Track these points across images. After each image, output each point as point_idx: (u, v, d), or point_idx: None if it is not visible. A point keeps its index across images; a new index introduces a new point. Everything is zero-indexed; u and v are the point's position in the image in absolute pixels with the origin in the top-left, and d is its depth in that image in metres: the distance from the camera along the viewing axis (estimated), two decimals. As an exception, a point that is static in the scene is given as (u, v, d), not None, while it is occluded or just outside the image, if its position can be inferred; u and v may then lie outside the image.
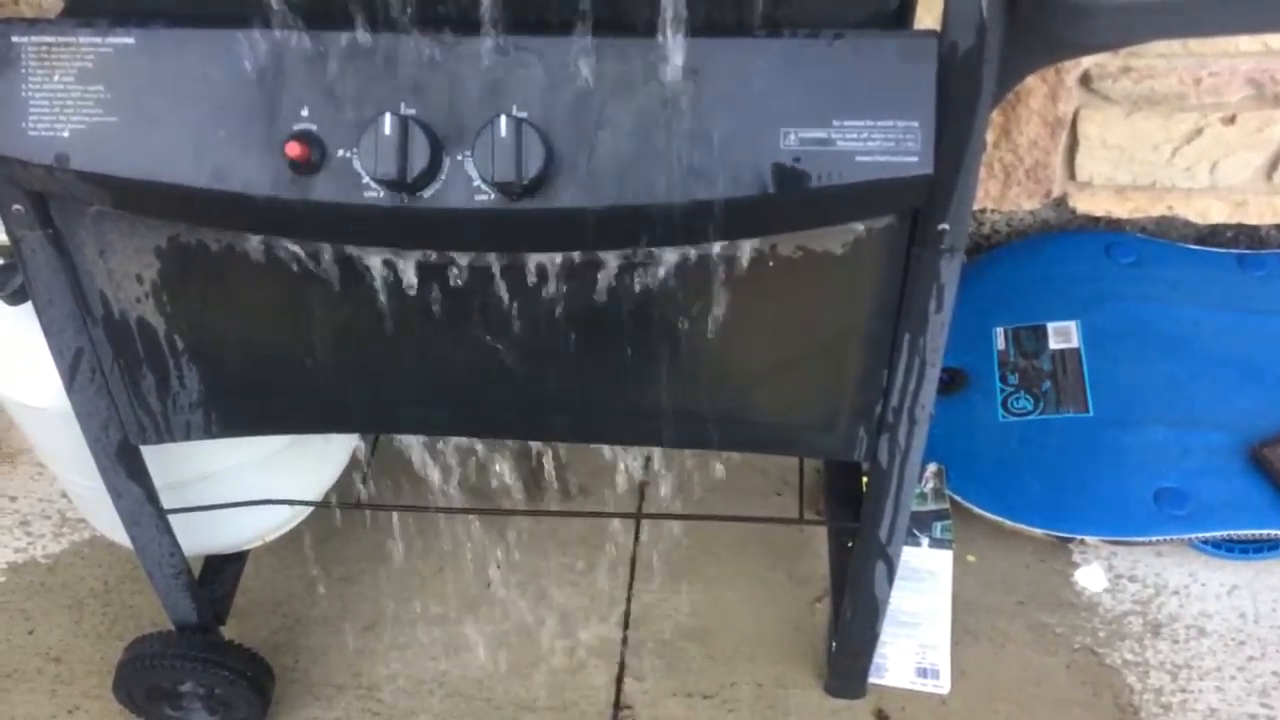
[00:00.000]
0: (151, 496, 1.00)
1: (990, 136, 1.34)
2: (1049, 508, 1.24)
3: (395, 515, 1.32)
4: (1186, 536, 1.21)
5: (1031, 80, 1.30)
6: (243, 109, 0.72)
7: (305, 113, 0.71)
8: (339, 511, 1.26)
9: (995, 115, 1.32)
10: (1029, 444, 1.27)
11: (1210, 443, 1.24)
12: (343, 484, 1.22)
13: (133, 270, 0.84)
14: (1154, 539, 1.22)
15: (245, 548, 1.21)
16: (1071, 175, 1.41)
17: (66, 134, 0.74)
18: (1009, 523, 1.25)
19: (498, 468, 1.33)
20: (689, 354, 0.85)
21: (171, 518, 1.02)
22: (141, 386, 0.91)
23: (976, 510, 1.26)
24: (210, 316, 0.87)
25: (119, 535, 1.05)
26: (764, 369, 0.87)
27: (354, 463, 1.24)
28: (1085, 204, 1.44)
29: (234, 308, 0.85)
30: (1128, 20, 0.65)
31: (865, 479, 0.99)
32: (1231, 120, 1.34)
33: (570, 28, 0.70)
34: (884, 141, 0.70)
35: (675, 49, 0.69)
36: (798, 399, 0.89)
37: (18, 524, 1.37)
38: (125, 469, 0.96)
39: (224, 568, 1.20)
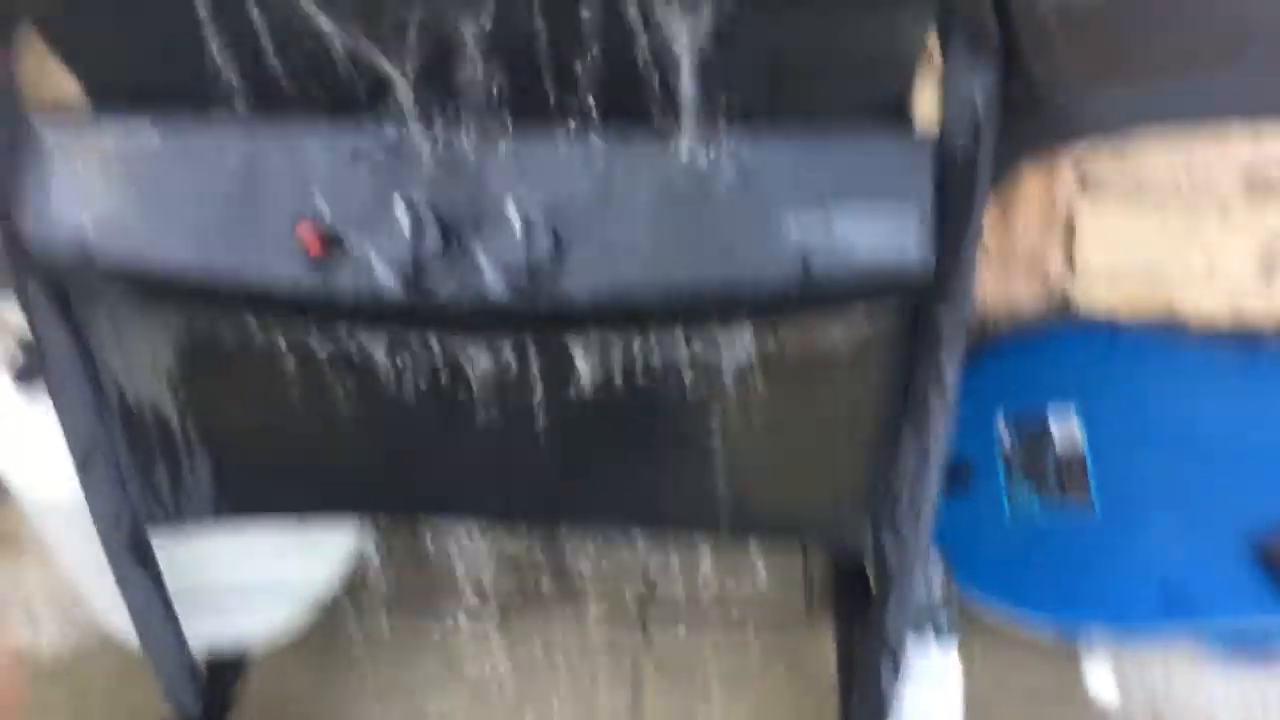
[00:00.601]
0: (159, 585, 0.99)
1: (988, 229, 1.36)
2: (1055, 600, 1.23)
3: (400, 614, 1.32)
4: (1194, 633, 1.20)
5: (1027, 173, 1.32)
6: (260, 199, 0.74)
7: (321, 204, 0.74)
8: (344, 609, 1.26)
9: (993, 208, 1.34)
10: (1034, 536, 1.27)
11: (1214, 535, 1.24)
12: (348, 583, 1.21)
13: (148, 358, 0.85)
14: (1161, 634, 1.21)
15: (250, 644, 1.20)
16: (1070, 267, 1.43)
17: (89, 224, 0.76)
18: (1016, 618, 1.24)
19: (505, 569, 1.33)
20: (697, 443, 0.86)
21: (178, 612, 1.02)
22: (153, 473, 0.91)
23: (983, 605, 1.25)
24: (222, 402, 0.88)
25: (125, 630, 1.04)
26: (771, 458, 0.88)
27: (360, 563, 1.24)
28: (1083, 295, 1.45)
29: (245, 393, 0.87)
30: (1116, 115, 0.67)
31: (872, 573, 0.99)
32: (1225, 212, 1.36)
33: (579, 121, 0.72)
34: (886, 234, 0.72)
35: (682, 142, 0.71)
36: (803, 489, 0.90)
37: (25, 617, 1.36)
38: (134, 557, 0.96)
39: (229, 663, 1.19)
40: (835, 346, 0.80)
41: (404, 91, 0.71)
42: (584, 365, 0.81)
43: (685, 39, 0.66)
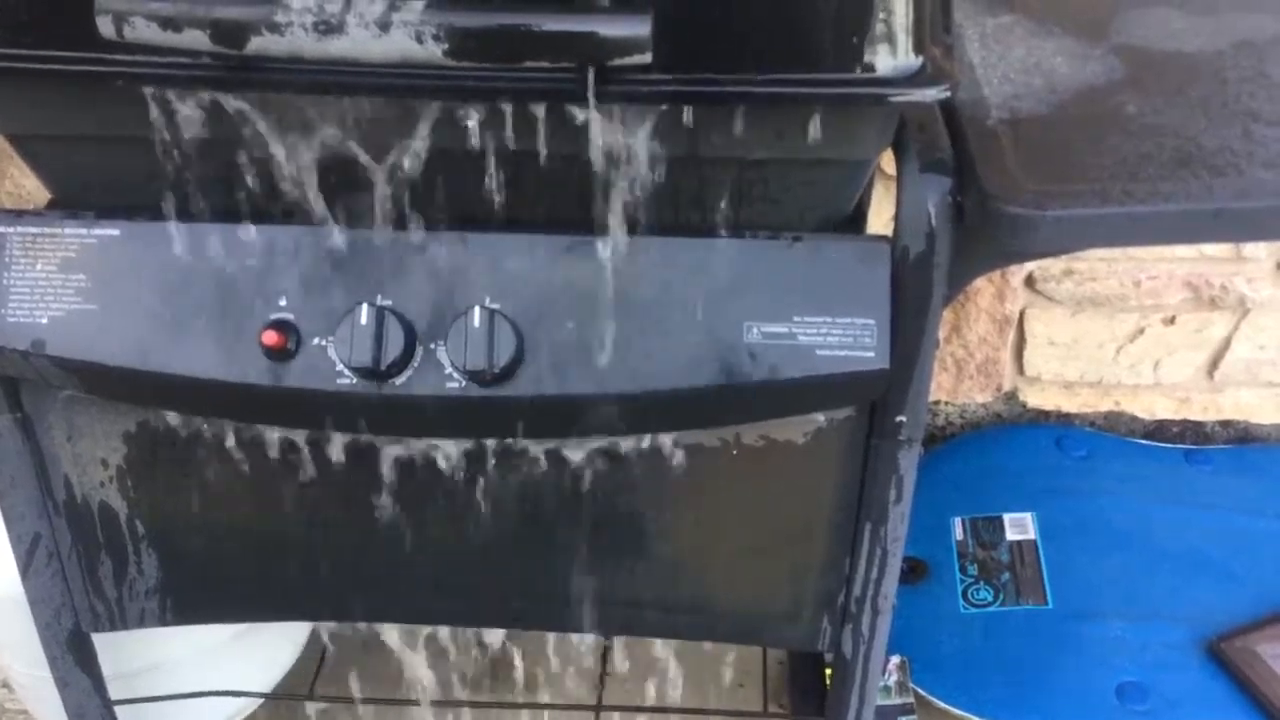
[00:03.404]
0: (99, 687, 0.97)
1: (942, 333, 1.39)
2: (1012, 702, 1.23)
3: (346, 707, 1.29)
4: (1150, 735, 1.21)
5: (979, 281, 1.36)
6: (222, 298, 0.74)
7: (283, 302, 0.74)
8: (289, 703, 1.23)
9: (946, 313, 1.37)
10: (991, 636, 1.27)
11: (1168, 637, 1.25)
12: (295, 675, 1.19)
13: (99, 454, 0.84)
14: (1118, 736, 1.21)
15: (191, 742, 1.17)
16: (1021, 371, 1.46)
17: (45, 320, 0.75)
18: (973, 717, 1.23)
19: (455, 658, 1.31)
20: (653, 543, 0.86)
21: (117, 709, 0.99)
22: (98, 572, 0.89)
23: (940, 704, 1.25)
24: (174, 502, 0.86)
25: (62, 728, 1.01)
26: (728, 558, 0.88)
27: (307, 653, 1.21)
28: (1035, 398, 1.48)
29: (198, 494, 0.85)
30: (1067, 231, 0.69)
31: (829, 671, 0.98)
32: (1171, 321, 1.40)
33: (543, 225, 0.73)
34: (842, 337, 0.73)
35: (644, 248, 0.72)
36: (761, 588, 0.89)
37: (-47, 716, 1.32)
38: (75, 658, 0.94)
39: (168, 763, 1.15)
40: (795, 447, 0.80)
41: (369, 199, 0.71)
42: (543, 469, 0.81)
43: (647, 158, 0.67)
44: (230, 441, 0.81)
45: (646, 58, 0.60)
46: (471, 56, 0.61)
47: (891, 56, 0.63)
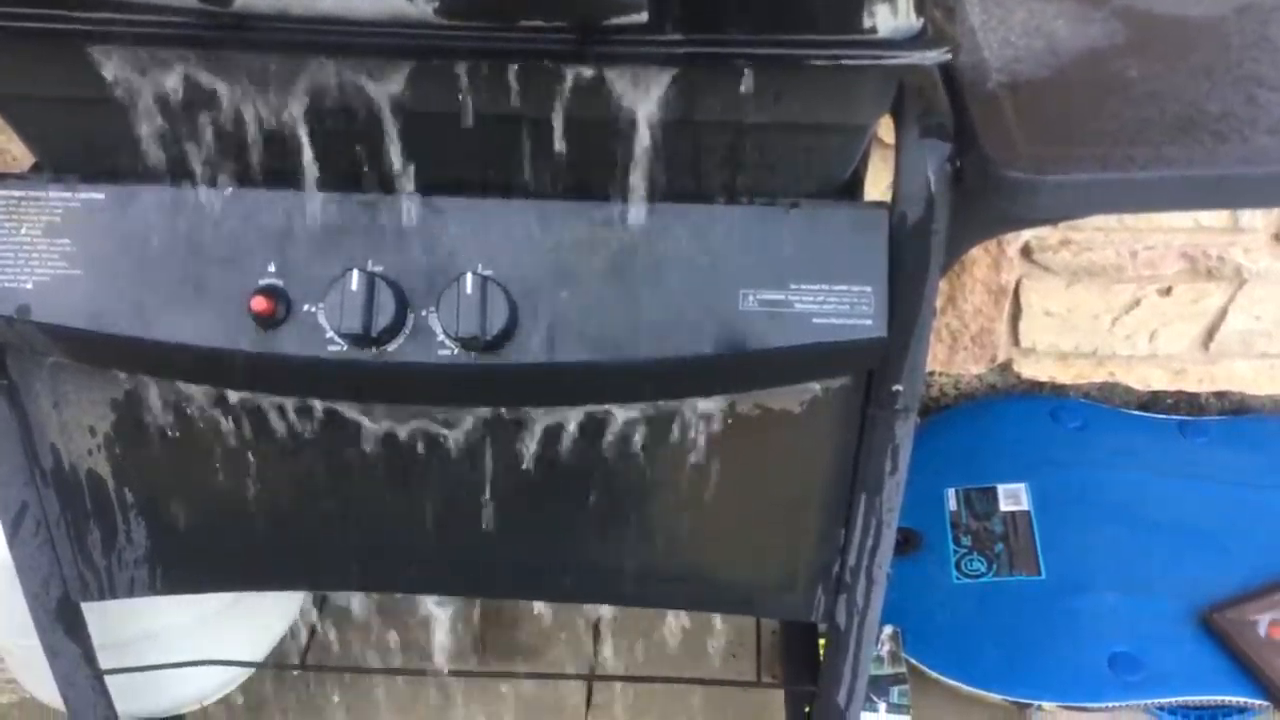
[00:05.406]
0: (89, 656, 0.96)
1: (937, 303, 1.39)
2: (1005, 673, 1.23)
3: (339, 677, 1.29)
4: (1142, 703, 1.21)
5: (975, 251, 1.35)
6: (210, 264, 0.73)
7: (272, 268, 0.72)
8: (281, 673, 1.23)
9: (942, 284, 1.36)
10: (983, 607, 1.27)
11: (1161, 608, 1.25)
12: (286, 645, 1.19)
13: (86, 422, 0.83)
14: (1110, 705, 1.21)
15: (183, 710, 1.16)
16: (1016, 341, 1.45)
17: (30, 286, 0.74)
18: (965, 688, 1.24)
19: (446, 627, 1.31)
20: (648, 512, 0.85)
21: (108, 678, 0.99)
22: (86, 541, 0.89)
23: (933, 675, 1.25)
24: (163, 470, 0.86)
25: (51, 696, 1.01)
26: (723, 528, 0.87)
27: (298, 624, 1.21)
28: (1030, 369, 1.48)
29: (188, 461, 0.84)
30: (1067, 197, 0.68)
31: (822, 641, 0.98)
32: (1168, 292, 1.39)
33: (536, 191, 0.72)
34: (839, 305, 0.72)
35: (639, 213, 0.71)
36: (756, 558, 0.89)
37: (-57, 684, 1.31)
38: (64, 627, 0.93)
39: (159, 731, 1.16)
40: (791, 416, 0.80)
41: (359, 163, 0.70)
42: (537, 438, 0.80)
43: (642, 121, 0.66)
44: (219, 409, 0.80)
45: (642, 17, 0.59)
46: (463, 15, 0.59)
47: (893, 17, 0.62)
